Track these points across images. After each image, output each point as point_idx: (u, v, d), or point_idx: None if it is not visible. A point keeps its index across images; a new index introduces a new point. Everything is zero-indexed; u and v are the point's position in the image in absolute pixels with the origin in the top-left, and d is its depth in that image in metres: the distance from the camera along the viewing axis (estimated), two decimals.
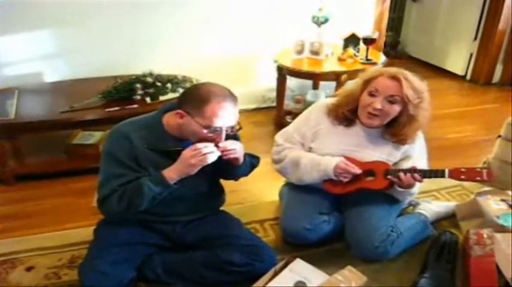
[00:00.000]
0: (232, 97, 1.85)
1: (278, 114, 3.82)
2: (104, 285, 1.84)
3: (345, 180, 2.15)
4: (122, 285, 1.90)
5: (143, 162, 1.89)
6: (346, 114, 2.23)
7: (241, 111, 3.97)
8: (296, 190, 2.39)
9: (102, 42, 3.55)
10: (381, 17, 4.29)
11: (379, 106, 2.08)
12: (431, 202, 2.62)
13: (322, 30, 3.67)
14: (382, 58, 3.78)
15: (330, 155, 2.20)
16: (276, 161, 2.37)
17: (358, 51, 3.71)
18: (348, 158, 2.18)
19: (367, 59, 3.65)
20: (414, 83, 2.09)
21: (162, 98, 3.10)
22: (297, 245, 2.29)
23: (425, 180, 2.08)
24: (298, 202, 2.34)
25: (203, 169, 1.87)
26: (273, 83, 3.88)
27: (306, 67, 3.59)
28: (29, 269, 2.21)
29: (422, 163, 2.23)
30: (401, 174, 2.05)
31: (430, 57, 5.43)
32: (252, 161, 2.16)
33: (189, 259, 2.04)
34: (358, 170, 2.13)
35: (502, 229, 2.20)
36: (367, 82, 2.14)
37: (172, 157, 1.86)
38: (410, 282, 2.09)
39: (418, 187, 2.21)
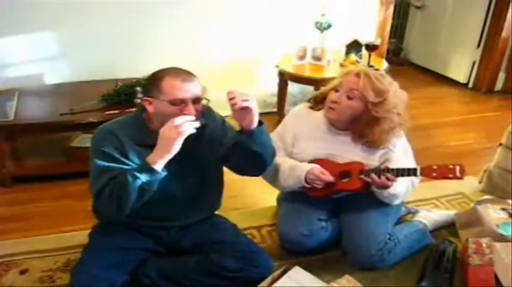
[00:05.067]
0: (187, 72, 1.88)
1: (279, 119, 3.78)
2: None
3: (318, 187, 2.14)
4: None
5: (132, 156, 1.88)
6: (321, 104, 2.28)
7: None
8: (294, 196, 2.37)
9: (104, 45, 3.55)
10: (384, 24, 4.28)
11: (334, 98, 2.14)
12: (431, 210, 2.60)
13: (324, 36, 3.67)
14: (384, 65, 3.77)
15: (311, 158, 2.21)
16: None
17: (360, 58, 3.70)
18: (323, 161, 2.18)
19: (369, 66, 3.64)
20: (375, 83, 2.08)
21: None
22: (294, 251, 2.27)
23: (424, 187, 2.06)
24: (296, 208, 2.32)
25: (189, 167, 1.90)
26: (275, 88, 3.88)
27: (307, 73, 3.59)
28: (23, 272, 2.20)
29: (408, 160, 2.21)
30: (374, 175, 2.05)
31: (432, 64, 5.41)
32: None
33: (184, 264, 2.03)
34: (330, 178, 2.12)
35: (501, 238, 2.18)
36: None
37: None
38: None
39: (403, 191, 2.19)
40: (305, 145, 2.27)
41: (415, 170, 2.04)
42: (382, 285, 2.13)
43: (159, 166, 1.77)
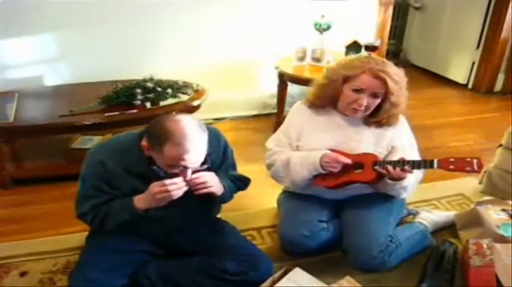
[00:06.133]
0: (195, 134, 1.75)
1: (278, 121, 3.79)
2: None
3: (335, 170, 2.12)
4: None
5: (119, 184, 1.90)
6: (325, 105, 2.27)
7: (242, 118, 4.02)
8: (295, 197, 2.38)
9: (103, 47, 3.55)
10: (384, 25, 4.28)
11: (365, 103, 2.12)
12: (431, 211, 2.60)
13: (324, 37, 3.66)
14: None
15: (319, 149, 2.19)
16: (268, 166, 2.36)
17: None
18: (335, 151, 2.16)
19: None
20: (396, 77, 2.10)
21: (162, 103, 3.10)
22: (294, 252, 2.27)
23: (424, 188, 2.05)
24: (297, 209, 2.32)
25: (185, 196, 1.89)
26: (274, 90, 3.87)
27: (307, 74, 3.58)
28: (23, 274, 2.19)
29: (413, 153, 2.22)
30: (389, 166, 2.03)
31: (432, 65, 5.42)
32: (238, 186, 2.16)
33: (184, 267, 2.02)
34: (347, 160, 2.11)
35: (502, 239, 2.18)
36: (348, 78, 2.13)
37: (148, 179, 1.84)
38: None
39: (412, 182, 2.20)
40: (310, 137, 2.26)
41: (431, 162, 2.02)
42: (382, 286, 2.13)
43: (143, 209, 1.86)
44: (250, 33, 3.84)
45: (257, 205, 2.78)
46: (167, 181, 1.78)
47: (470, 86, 4.98)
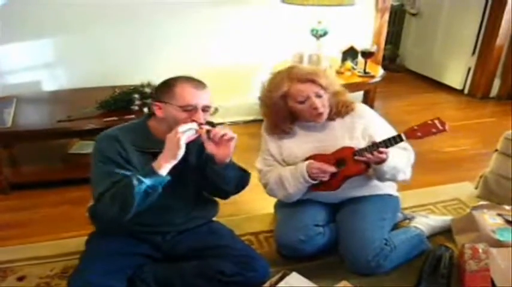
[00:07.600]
0: (199, 81, 1.93)
1: None
2: None
3: (324, 179, 2.17)
4: None
5: (135, 162, 1.90)
6: (286, 127, 2.30)
7: (239, 123, 4.02)
8: (291, 202, 2.38)
9: (101, 52, 3.57)
10: (380, 31, 4.30)
11: (320, 105, 2.18)
12: (427, 215, 2.60)
13: (320, 43, 3.69)
14: (380, 71, 3.80)
15: (303, 158, 2.24)
16: (264, 186, 2.39)
17: (356, 65, 3.72)
18: (315, 157, 2.21)
19: (365, 72, 3.67)
20: (316, 71, 2.23)
21: None
22: (291, 257, 2.28)
23: (420, 193, 2.06)
24: (293, 213, 2.33)
25: (187, 176, 1.94)
26: None
27: None
28: (20, 278, 2.19)
29: (387, 133, 2.22)
30: (365, 152, 2.09)
31: (428, 70, 5.45)
32: (241, 172, 2.12)
33: (181, 269, 2.03)
34: (331, 168, 2.15)
35: (497, 244, 2.19)
36: (284, 96, 2.21)
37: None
38: None
39: (403, 164, 2.22)
40: (291, 146, 2.31)
41: (399, 136, 2.08)
42: None
43: (164, 170, 1.81)
44: (247, 39, 3.86)
45: (254, 210, 2.79)
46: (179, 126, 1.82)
47: (466, 91, 5.02)
